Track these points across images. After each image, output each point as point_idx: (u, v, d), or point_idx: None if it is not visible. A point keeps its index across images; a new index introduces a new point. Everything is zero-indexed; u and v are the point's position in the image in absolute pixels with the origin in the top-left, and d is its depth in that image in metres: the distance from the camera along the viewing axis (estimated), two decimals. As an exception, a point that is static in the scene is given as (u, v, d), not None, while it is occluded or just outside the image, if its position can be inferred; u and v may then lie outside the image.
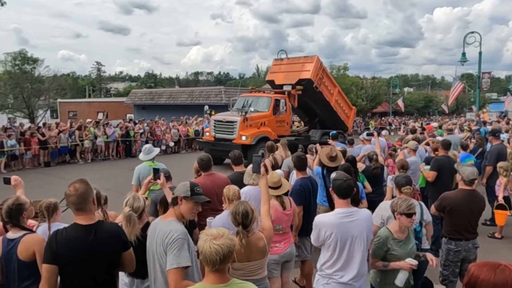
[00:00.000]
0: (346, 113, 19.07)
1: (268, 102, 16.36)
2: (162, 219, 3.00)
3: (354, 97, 40.45)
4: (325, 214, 3.61)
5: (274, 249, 4.14)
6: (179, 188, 2.99)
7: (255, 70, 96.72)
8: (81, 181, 2.73)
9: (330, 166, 5.51)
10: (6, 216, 2.96)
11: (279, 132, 16.05)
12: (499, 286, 1.63)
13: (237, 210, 3.16)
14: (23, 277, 2.94)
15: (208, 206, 4.76)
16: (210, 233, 2.22)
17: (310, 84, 16.36)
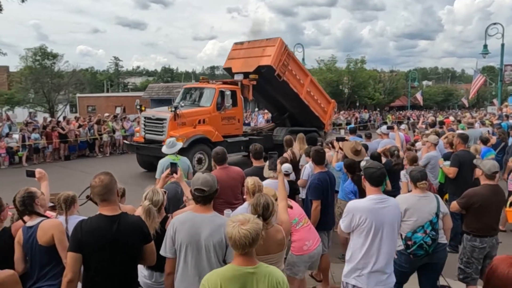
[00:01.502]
0: (323, 107, 16.19)
1: (210, 95, 13.28)
2: (200, 212, 2.98)
3: (371, 91, 40.03)
4: (358, 200, 3.68)
5: (304, 249, 4.15)
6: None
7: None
8: (106, 173, 2.82)
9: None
10: (20, 204, 3.03)
11: (225, 131, 13.26)
12: (511, 281, 1.70)
13: (258, 202, 3.18)
14: (44, 263, 3.01)
15: (223, 199, 4.80)
16: (236, 219, 2.31)
17: (271, 72, 13.60)
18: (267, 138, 14.67)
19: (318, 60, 41.04)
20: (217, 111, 13.09)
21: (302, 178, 6.20)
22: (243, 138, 13.91)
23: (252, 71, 13.79)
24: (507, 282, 1.72)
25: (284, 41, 14.09)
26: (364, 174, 3.50)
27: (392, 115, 38.14)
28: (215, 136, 12.81)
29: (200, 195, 2.95)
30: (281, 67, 13.76)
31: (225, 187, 4.78)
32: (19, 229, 3.10)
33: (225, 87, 13.48)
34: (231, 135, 13.46)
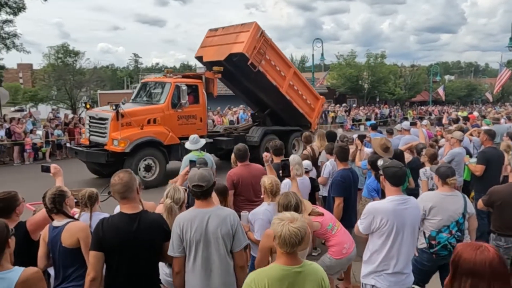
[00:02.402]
0: (309, 104, 14.46)
1: (165, 90, 11.60)
2: (203, 207, 2.98)
3: (392, 86, 39.37)
4: (379, 201, 3.58)
5: (343, 252, 4.14)
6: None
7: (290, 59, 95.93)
8: (125, 171, 2.85)
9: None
10: (50, 202, 3.04)
11: (184, 132, 11.27)
12: (478, 265, 1.77)
13: (290, 202, 3.20)
14: (67, 264, 3.03)
15: (244, 197, 4.78)
16: (284, 217, 2.29)
17: (244, 61, 12.02)
18: (238, 139, 12.60)
19: (337, 55, 40.59)
20: (172, 109, 11.40)
21: (323, 176, 6.12)
22: (206, 140, 11.64)
23: (224, 59, 12.21)
24: (476, 266, 1.78)
25: (261, 26, 12.57)
26: (384, 174, 3.37)
27: (413, 111, 37.45)
28: (169, 138, 11.20)
29: (199, 191, 2.95)
30: (255, 56, 12.18)
31: (246, 185, 4.76)
32: (41, 227, 3.13)
33: (182, 81, 11.81)
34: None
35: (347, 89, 38.05)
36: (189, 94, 11.74)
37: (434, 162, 5.70)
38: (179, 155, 11.02)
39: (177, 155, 11.28)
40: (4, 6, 19.61)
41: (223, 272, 2.91)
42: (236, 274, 2.98)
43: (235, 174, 4.86)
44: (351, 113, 29.54)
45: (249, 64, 12.08)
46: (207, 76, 12.38)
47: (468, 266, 1.80)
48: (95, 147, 11.12)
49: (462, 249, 1.87)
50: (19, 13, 19.91)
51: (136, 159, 10.45)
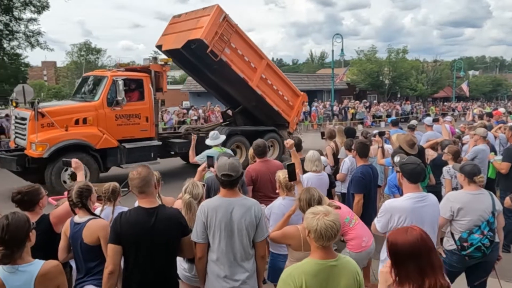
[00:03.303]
0: (287, 101, 12.97)
1: (101, 86, 10.07)
2: (229, 196, 2.99)
3: (414, 82, 38.67)
4: (396, 199, 3.52)
5: (362, 245, 4.09)
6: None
7: (309, 55, 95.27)
8: (143, 166, 2.88)
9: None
10: (77, 196, 3.09)
11: (124, 133, 10.08)
12: (413, 243, 1.92)
13: (312, 196, 3.20)
14: (88, 258, 3.09)
15: (262, 192, 4.77)
16: (317, 210, 2.30)
17: (204, 49, 10.59)
18: (198, 142, 11.53)
19: (358, 51, 40.09)
20: (108, 107, 9.86)
21: (341, 172, 6.05)
22: (153, 143, 10.68)
23: (182, 47, 10.94)
24: (413, 245, 1.92)
25: (224, 10, 11.20)
26: (402, 171, 3.30)
27: (436, 107, 36.67)
28: (103, 141, 9.68)
29: (228, 180, 2.96)
30: (217, 43, 10.78)
31: (264, 181, 4.76)
32: (64, 219, 3.18)
33: (122, 75, 10.24)
34: (134, 138, 10.35)
35: (367, 85, 37.57)
36: (134, 90, 10.40)
37: (457, 160, 5.56)
38: (118, 160, 10.01)
39: (115, 161, 10.03)
40: (29, 5, 20.11)
41: (245, 262, 2.94)
42: (257, 263, 3.02)
43: (254, 170, 4.86)
44: (371, 109, 29.12)
45: (208, 52, 10.61)
46: (152, 68, 10.78)
47: (405, 249, 1.92)
48: (20, 150, 9.71)
49: (395, 236, 2.00)
50: (43, 11, 20.38)
51: (57, 166, 8.94)
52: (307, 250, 3.16)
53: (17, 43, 21.03)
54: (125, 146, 10.07)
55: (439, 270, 1.91)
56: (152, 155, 10.60)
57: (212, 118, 20.61)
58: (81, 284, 3.11)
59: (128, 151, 10.08)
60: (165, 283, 2.86)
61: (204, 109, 21.61)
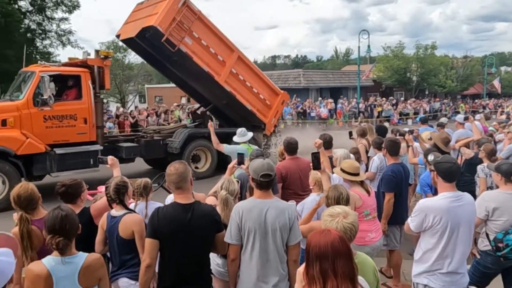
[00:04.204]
0: (263, 99, 11.67)
1: (27, 83, 8.93)
2: (263, 198, 3.00)
3: (442, 78, 37.71)
4: (431, 198, 3.45)
5: (367, 239, 4.04)
6: None
7: (333, 52, 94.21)
8: (180, 162, 2.93)
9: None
10: (114, 192, 3.19)
11: (56, 136, 8.87)
12: (323, 246, 1.93)
13: (341, 194, 3.20)
14: (123, 251, 3.18)
15: (292, 190, 4.77)
16: (336, 212, 2.35)
17: (158, 37, 9.53)
18: (152, 146, 10.57)
19: (384, 47, 39.33)
20: (35, 106, 8.63)
21: (370, 171, 5.99)
22: (93, 148, 9.39)
23: (136, 35, 9.94)
24: (321, 249, 1.93)
25: None
26: (437, 170, 3.23)
27: (466, 104, 35.65)
28: (26, 146, 8.44)
29: (267, 180, 2.96)
30: (175, 31, 9.64)
31: (294, 178, 4.76)
32: (103, 213, 3.29)
33: (52, 70, 9.02)
34: (69, 143, 9.09)
35: (394, 82, 36.85)
36: (72, 87, 9.28)
37: (491, 159, 5.41)
38: (47, 168, 8.83)
39: (44, 168, 8.85)
40: (60, 5, 20.73)
41: (278, 264, 2.94)
42: (289, 267, 2.99)
43: (284, 167, 4.87)
44: (398, 107, 28.58)
45: (163, 41, 9.51)
46: (91, 63, 9.46)
47: (315, 250, 1.94)
48: None
49: (311, 237, 2.02)
50: (73, 11, 20.97)
51: None
52: None
53: (49, 41, 21.78)
54: (56, 151, 8.80)
55: (344, 277, 1.88)
56: (92, 162, 9.32)
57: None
58: (115, 276, 3.22)
59: (59, 157, 8.83)
60: (200, 278, 2.90)
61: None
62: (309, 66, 75.86)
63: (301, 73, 31.47)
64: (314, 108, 24.08)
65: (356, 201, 3.93)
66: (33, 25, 21.30)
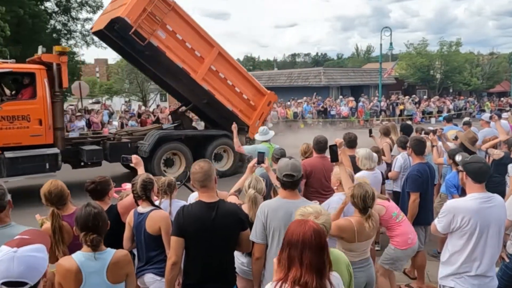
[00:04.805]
0: (247, 99, 10.90)
1: None
2: (289, 198, 3.00)
3: (467, 76, 36.81)
4: (459, 199, 3.38)
5: (408, 242, 4.04)
6: None
7: (354, 49, 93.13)
8: (205, 160, 2.96)
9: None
10: (141, 189, 3.25)
11: (6, 138, 8.29)
12: (295, 235, 1.96)
13: (367, 192, 3.17)
14: (150, 248, 3.24)
15: (315, 188, 4.75)
16: (307, 213, 2.38)
17: (126, 30, 8.96)
18: (118, 149, 9.56)
19: (407, 44, 38.64)
20: None
21: (394, 170, 5.91)
22: (49, 151, 8.69)
23: (104, 27, 9.39)
24: (292, 237, 1.96)
25: None
26: (466, 170, 3.15)
27: (491, 102, 34.67)
28: None
29: (290, 181, 2.97)
30: (145, 23, 8.95)
31: (318, 177, 4.75)
32: (129, 210, 3.35)
33: (4, 68, 8.48)
34: (21, 145, 8.48)
35: (417, 79, 36.16)
36: (27, 86, 8.66)
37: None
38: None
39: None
40: (85, 5, 21.20)
41: None
42: None
43: (309, 164, 4.85)
44: (421, 105, 28.04)
45: (132, 34, 8.87)
46: (45, 59, 8.77)
47: (288, 237, 1.99)
48: None
49: (291, 224, 2.07)
50: (97, 11, 21.39)
51: None
52: (361, 240, 3.22)
53: (74, 41, 22.28)
54: (6, 155, 8.23)
55: (310, 268, 1.89)
56: (48, 166, 8.63)
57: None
58: (142, 272, 3.28)
59: (10, 161, 8.21)
60: (224, 276, 2.92)
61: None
62: (329, 64, 75.27)
63: (321, 71, 31.24)
64: (335, 107, 23.86)
65: (379, 211, 3.91)
66: (59, 25, 21.86)
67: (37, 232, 1.89)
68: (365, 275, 3.27)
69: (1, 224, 2.57)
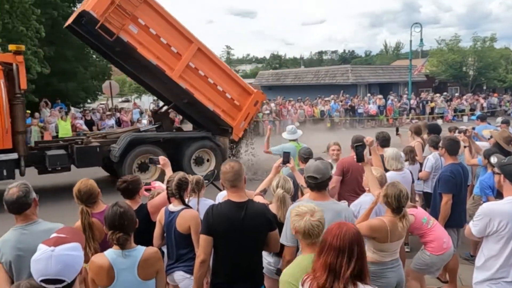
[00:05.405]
0: (230, 99, 10.13)
1: None
2: (318, 199, 2.99)
3: (502, 72, 35.44)
4: (497, 202, 3.28)
5: (444, 246, 3.95)
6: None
7: (383, 46, 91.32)
8: (235, 160, 2.99)
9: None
10: (176, 188, 3.30)
11: None
12: (325, 236, 2.11)
13: (401, 192, 3.13)
14: (180, 246, 3.29)
15: (350, 187, 4.70)
16: (302, 211, 2.44)
17: (93, 23, 8.43)
18: (85, 154, 9.14)
19: (438, 40, 37.53)
20: None
21: (425, 170, 5.77)
22: (6, 157, 8.22)
23: (72, 22, 8.99)
24: (324, 239, 2.07)
25: None
26: (504, 172, 3.03)
27: (528, 100, 33.27)
28: None
29: (313, 183, 2.98)
30: (112, 16, 8.36)
31: (355, 176, 4.71)
32: (159, 209, 3.41)
33: None
34: None
35: (448, 76, 35.10)
36: None
37: None
38: None
39: None
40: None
41: None
42: None
43: (347, 162, 4.80)
44: (452, 103, 27.21)
45: (98, 28, 8.34)
46: (4, 59, 8.22)
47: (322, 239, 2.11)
48: None
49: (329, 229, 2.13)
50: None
51: None
52: (393, 240, 3.18)
53: (104, 41, 22.74)
54: None
55: (330, 269, 1.98)
56: (6, 173, 8.20)
57: (284, 112, 20.65)
58: (172, 269, 3.34)
59: None
60: (253, 276, 2.93)
61: (276, 103, 21.70)
62: (357, 61, 74.15)
63: (349, 69, 30.77)
64: (363, 105, 23.49)
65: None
66: (90, 26, 22.39)
67: (73, 231, 1.95)
68: (396, 275, 3.24)
69: (29, 221, 2.66)
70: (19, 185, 2.64)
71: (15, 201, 2.59)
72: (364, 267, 2.03)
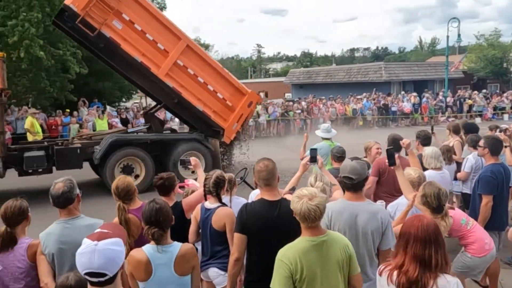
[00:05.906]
0: (222, 99, 9.73)
1: None
2: (353, 200, 2.96)
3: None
4: None
5: (486, 248, 3.83)
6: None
7: (418, 42, 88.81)
8: (268, 159, 2.98)
9: None
10: (213, 185, 3.36)
11: None
12: (405, 226, 2.21)
13: (440, 190, 3.09)
14: (215, 243, 3.34)
15: (386, 188, 4.63)
16: (302, 194, 2.43)
17: (75, 18, 8.23)
18: (65, 155, 8.84)
19: (477, 35, 36.13)
20: None
21: (464, 171, 5.58)
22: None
23: (56, 17, 8.90)
24: (404, 229, 2.17)
25: None
26: None
27: None
28: None
29: (349, 183, 2.94)
30: (93, 11, 8.13)
31: (391, 176, 4.56)
32: (194, 207, 3.47)
33: None
34: None
35: (488, 73, 33.71)
36: None
37: None
38: None
39: None
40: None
41: (368, 268, 2.87)
42: None
43: (384, 162, 4.70)
44: (492, 100, 26.11)
45: (78, 23, 8.14)
46: None
47: (401, 229, 2.18)
48: None
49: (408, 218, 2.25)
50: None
51: None
52: None
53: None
54: None
55: (414, 258, 2.05)
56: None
57: (315, 111, 20.48)
58: (206, 266, 3.39)
59: None
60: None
61: (307, 101, 21.57)
62: (390, 58, 72.37)
63: (382, 66, 30.11)
64: (397, 103, 22.93)
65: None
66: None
67: (115, 226, 2.02)
68: None
69: (72, 216, 2.79)
70: (64, 180, 2.78)
71: (60, 196, 2.72)
72: (447, 256, 2.07)
